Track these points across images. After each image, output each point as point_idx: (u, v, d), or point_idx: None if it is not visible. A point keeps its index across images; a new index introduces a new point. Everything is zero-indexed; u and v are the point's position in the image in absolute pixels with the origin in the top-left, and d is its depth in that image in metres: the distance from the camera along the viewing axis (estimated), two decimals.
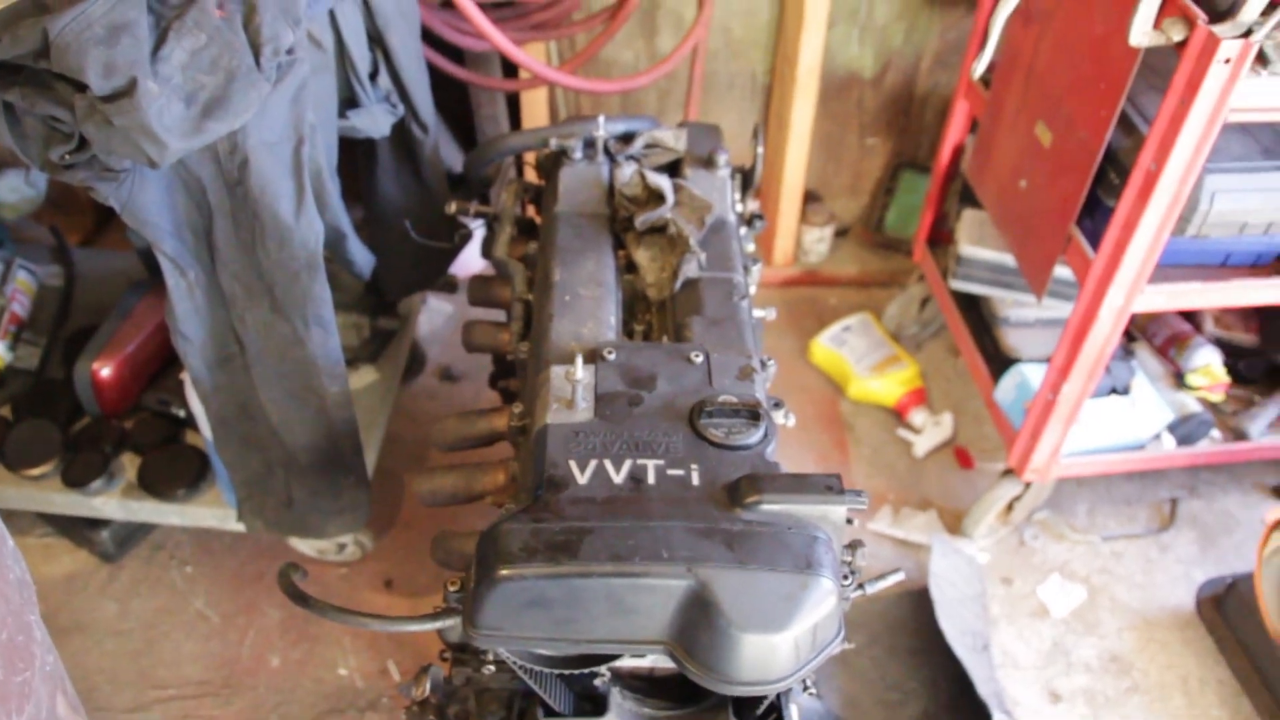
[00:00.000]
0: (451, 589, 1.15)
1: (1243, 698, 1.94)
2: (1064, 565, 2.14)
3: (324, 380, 1.47)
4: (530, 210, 1.79)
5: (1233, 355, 2.17)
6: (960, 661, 1.85)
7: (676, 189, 1.56)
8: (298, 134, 1.30)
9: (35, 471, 1.81)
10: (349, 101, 1.57)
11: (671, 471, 1.16)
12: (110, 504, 1.83)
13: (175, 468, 1.83)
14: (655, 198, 1.55)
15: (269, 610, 1.98)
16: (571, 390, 1.22)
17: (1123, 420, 2.01)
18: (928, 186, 2.56)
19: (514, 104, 2.30)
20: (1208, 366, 2.09)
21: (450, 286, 2.03)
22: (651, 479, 1.14)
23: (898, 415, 2.39)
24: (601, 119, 1.60)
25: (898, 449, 2.35)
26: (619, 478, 1.15)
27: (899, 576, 1.26)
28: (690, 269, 1.48)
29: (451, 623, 1.16)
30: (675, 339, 1.42)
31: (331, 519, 1.69)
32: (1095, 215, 1.75)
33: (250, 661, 1.91)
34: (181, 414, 1.88)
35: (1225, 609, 2.00)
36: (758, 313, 1.56)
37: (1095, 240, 1.74)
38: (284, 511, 1.68)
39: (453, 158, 2.31)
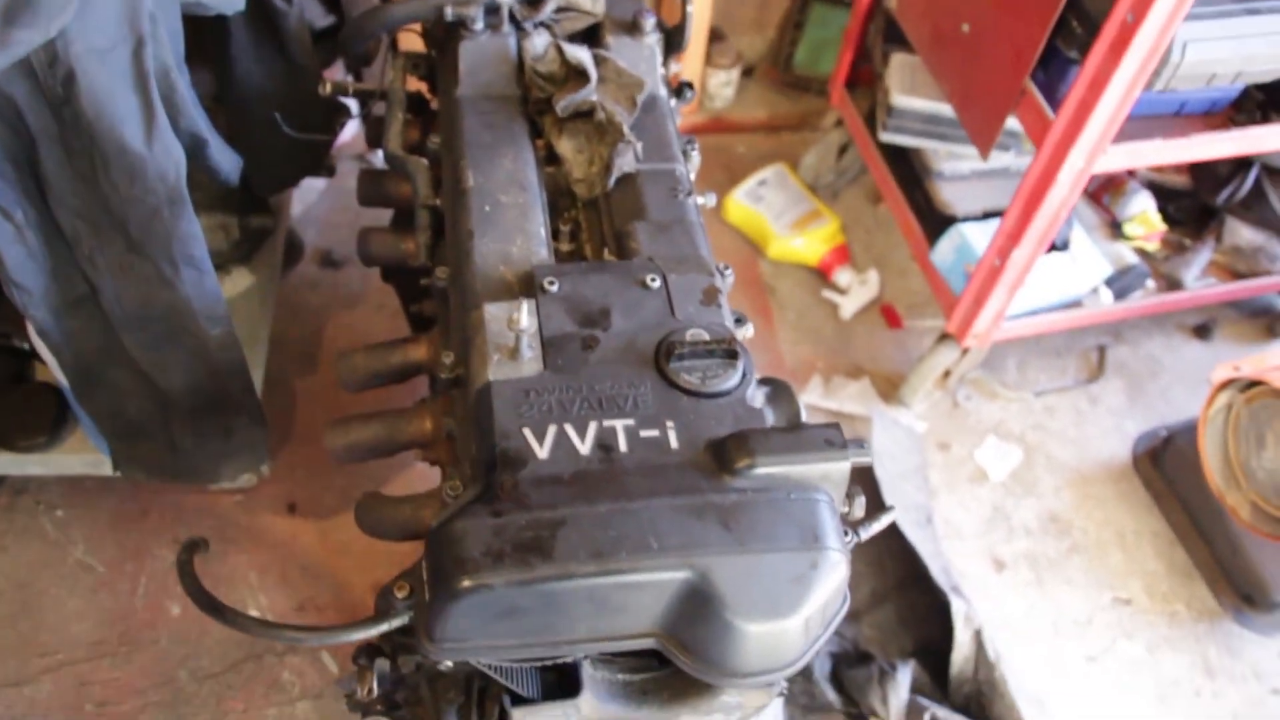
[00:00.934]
0: (399, 595, 0.98)
1: (1177, 548, 1.94)
2: (999, 425, 2.08)
3: (202, 323, 1.23)
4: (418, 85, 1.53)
5: (1164, 198, 2.08)
6: (905, 538, 1.79)
7: (599, 63, 1.33)
8: (136, 33, 1.01)
9: None
10: None
11: (645, 433, 0.99)
12: None
13: (29, 413, 1.57)
14: (576, 75, 1.32)
15: (159, 551, 1.77)
16: (515, 339, 1.02)
17: (1062, 277, 1.92)
18: (839, 20, 2.37)
19: None
20: (1144, 214, 2.00)
21: (329, 170, 1.76)
22: (624, 445, 0.98)
23: (821, 275, 2.25)
24: None
25: (823, 311, 2.22)
26: (585, 447, 0.97)
27: (893, 516, 1.14)
28: (626, 162, 1.27)
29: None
30: (617, 249, 1.22)
31: (224, 462, 1.48)
32: (1051, 66, 1.59)
33: (147, 612, 1.71)
34: (26, 347, 1.60)
35: (1161, 463, 1.98)
36: (698, 199, 1.37)
37: (1050, 94, 1.59)
38: (167, 457, 1.46)
39: (315, 12, 1.99)
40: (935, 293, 1.96)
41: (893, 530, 1.79)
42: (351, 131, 2.29)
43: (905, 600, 1.83)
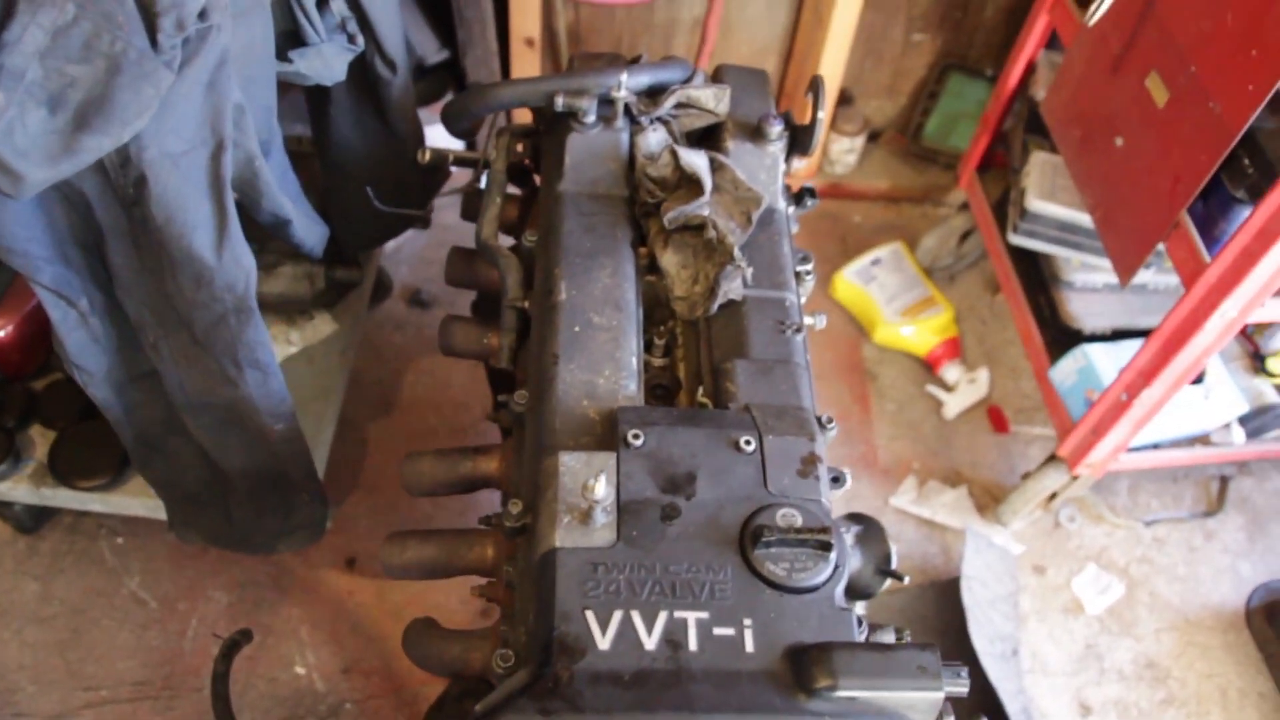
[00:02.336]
0: None
1: None
2: (1101, 553, 1.94)
3: (265, 420, 1.17)
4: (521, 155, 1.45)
5: None
6: (988, 674, 1.67)
7: (716, 169, 1.23)
8: (217, 136, 0.94)
9: None
10: (290, 35, 1.20)
11: (719, 630, 0.89)
12: (18, 489, 1.55)
13: (94, 451, 1.54)
14: (689, 182, 1.22)
15: (214, 593, 1.73)
16: (588, 504, 0.94)
17: (1193, 411, 1.77)
18: (977, 94, 2.23)
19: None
20: None
21: (424, 223, 1.70)
22: (694, 643, 0.88)
23: (928, 367, 2.12)
24: (625, 75, 1.24)
25: (925, 407, 2.09)
26: (651, 641, 0.88)
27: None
28: (734, 288, 1.17)
29: None
30: (712, 389, 1.13)
31: (281, 538, 1.43)
32: (1212, 201, 1.44)
33: (193, 657, 1.67)
34: None
35: (1278, 619, 1.81)
36: (805, 320, 1.26)
37: (1207, 231, 1.44)
38: (224, 527, 1.41)
39: (426, 46, 1.92)
40: (1050, 411, 1.82)
41: (974, 657, 1.67)
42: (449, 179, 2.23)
43: None
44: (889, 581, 1.14)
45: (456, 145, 1.70)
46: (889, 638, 1.09)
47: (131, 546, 1.77)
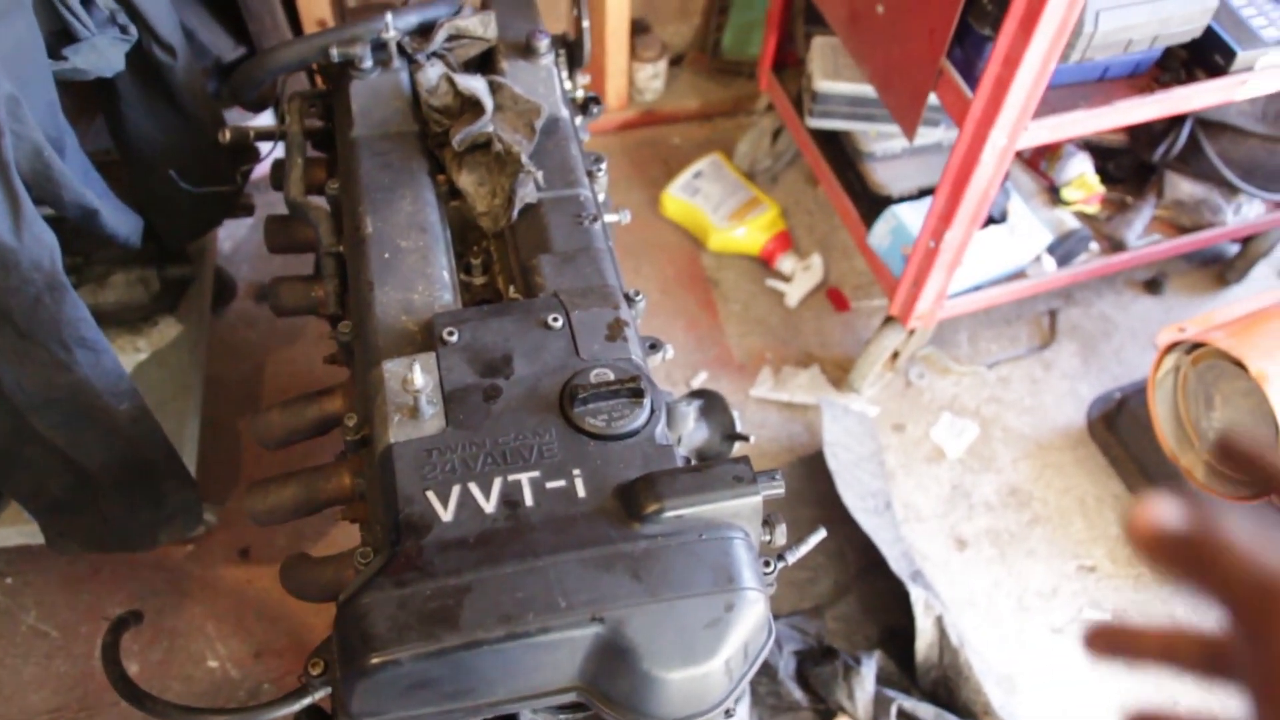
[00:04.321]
0: (314, 672, 0.96)
1: None
2: (953, 401, 2.07)
3: (107, 400, 1.20)
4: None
5: (1101, 157, 2.06)
6: (864, 528, 1.78)
7: (495, 90, 1.30)
8: None
9: None
10: (62, 34, 1.23)
11: (551, 484, 0.97)
12: None
13: None
14: (471, 106, 1.29)
15: (113, 610, 1.75)
16: (414, 398, 1.00)
17: (1003, 249, 1.90)
18: (765, 2, 2.32)
19: None
20: (1082, 177, 1.97)
21: (245, 210, 1.73)
22: (529, 499, 0.96)
23: (764, 263, 2.23)
24: (389, 16, 1.30)
25: (769, 301, 2.20)
26: (490, 505, 0.95)
27: (821, 535, 1.12)
28: (527, 192, 1.25)
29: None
30: (523, 285, 1.20)
31: (159, 528, 1.46)
32: (966, 43, 1.56)
33: (104, 675, 1.68)
34: None
35: (1116, 426, 1.97)
36: (610, 218, 1.34)
37: (969, 72, 1.56)
38: (100, 529, 1.43)
39: (220, 45, 1.94)
40: (875, 275, 1.94)
41: (852, 519, 1.78)
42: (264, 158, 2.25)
43: (868, 589, 1.82)
44: (738, 446, 1.23)
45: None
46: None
47: (20, 584, 1.77)
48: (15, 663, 1.70)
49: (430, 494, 0.96)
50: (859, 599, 1.81)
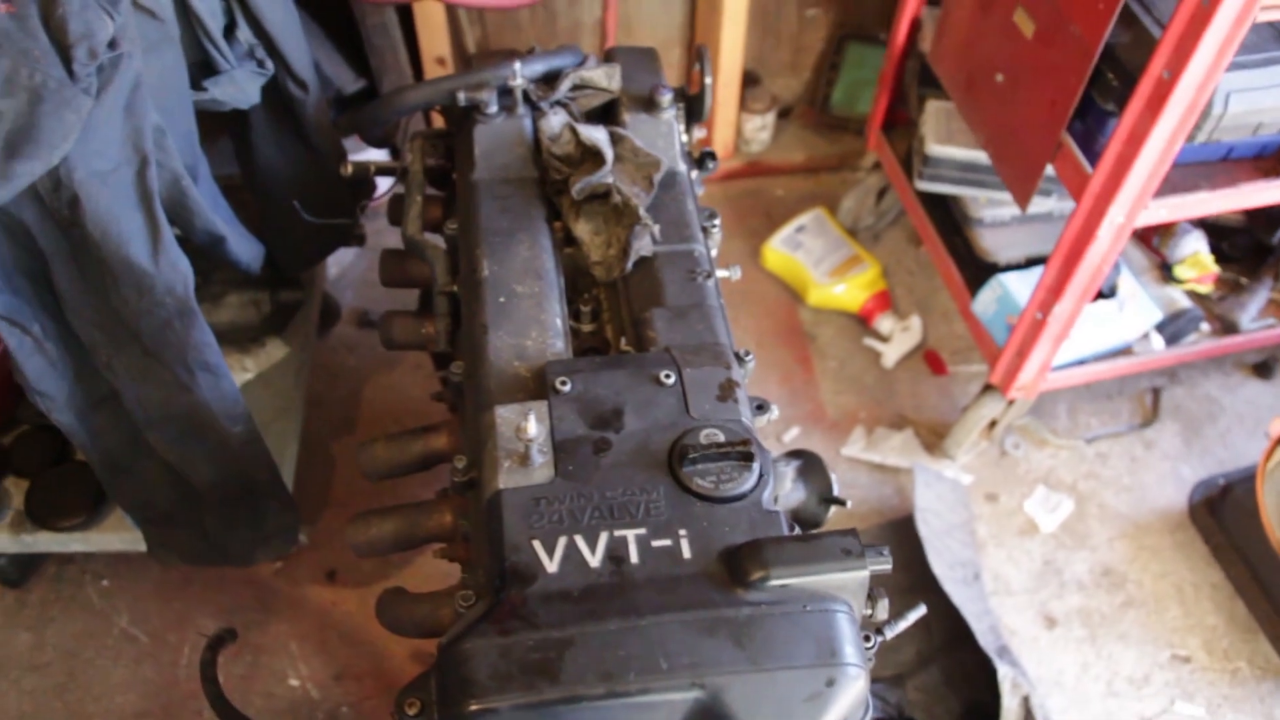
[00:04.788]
0: (410, 712, 0.97)
1: (1238, 602, 1.86)
2: (1049, 474, 2.02)
3: (223, 423, 1.24)
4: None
5: (1217, 235, 2.01)
6: (952, 598, 1.74)
7: (616, 141, 1.32)
8: (140, 154, 1.02)
9: None
10: (202, 65, 1.27)
11: (657, 543, 0.97)
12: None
13: (69, 492, 1.59)
14: (591, 156, 1.31)
15: (202, 621, 1.79)
16: (525, 446, 1.01)
17: (1111, 325, 1.86)
18: (875, 60, 2.33)
19: (406, 11, 1.98)
20: (1196, 255, 1.93)
21: (358, 240, 1.77)
22: (635, 556, 0.96)
23: (863, 322, 2.21)
24: (517, 65, 1.33)
25: (865, 360, 2.18)
26: (595, 559, 0.96)
27: (921, 612, 1.11)
28: (643, 245, 1.26)
29: None
30: (635, 338, 1.21)
31: (257, 547, 1.49)
32: (1088, 117, 1.54)
33: (190, 683, 1.73)
34: None
35: (1220, 513, 1.91)
36: (720, 273, 1.35)
37: (1089, 147, 1.54)
38: (200, 543, 1.47)
39: (342, 77, 2.00)
40: (978, 343, 1.91)
41: (940, 588, 1.75)
42: (379, 193, 2.30)
43: (952, 661, 1.78)
44: (834, 510, 1.22)
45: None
46: None
47: (117, 587, 1.82)
48: (106, 664, 1.74)
49: (536, 543, 0.96)
50: (942, 670, 1.78)
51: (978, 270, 1.93)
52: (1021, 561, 1.92)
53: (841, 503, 1.22)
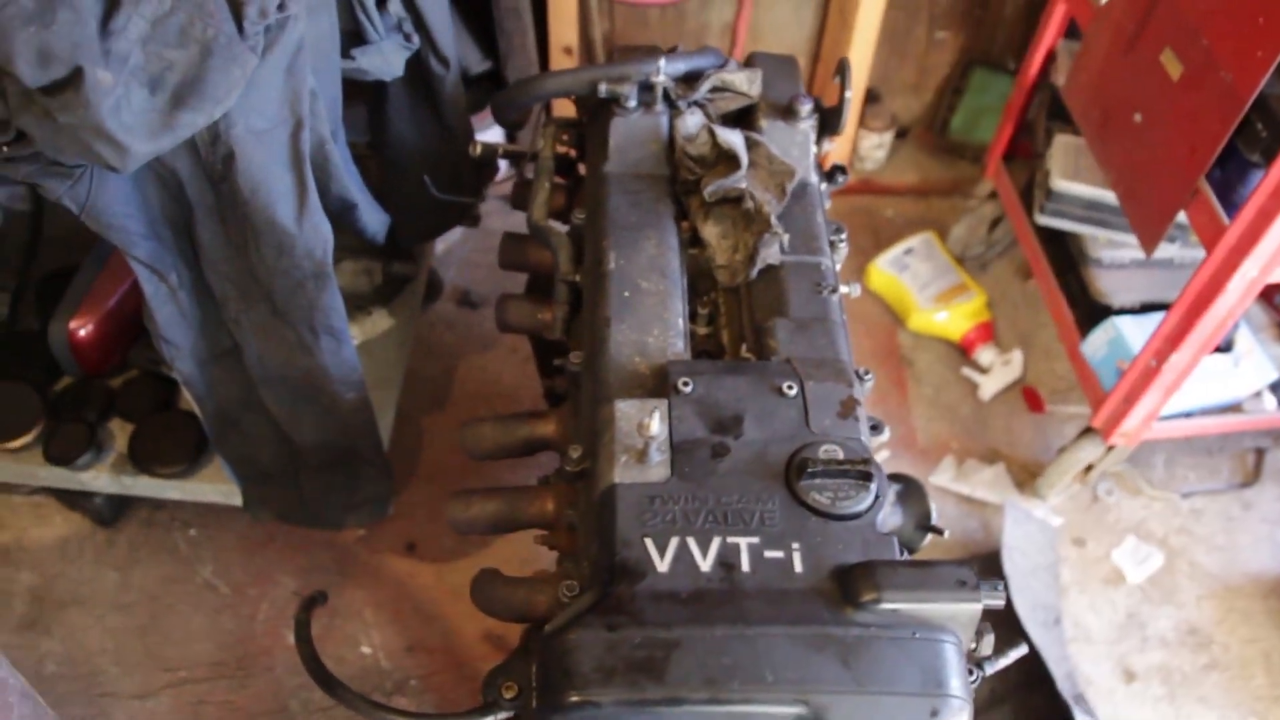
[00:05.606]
0: (507, 695, 0.97)
1: None
2: (1140, 525, 1.98)
3: (337, 388, 1.26)
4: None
5: None
6: (1030, 640, 1.71)
7: (751, 147, 1.31)
8: (295, 116, 1.04)
9: (14, 444, 1.61)
10: (353, 35, 1.29)
11: (769, 553, 0.96)
12: (100, 478, 1.64)
13: (171, 440, 1.63)
14: (726, 159, 1.30)
15: (282, 579, 1.82)
16: (644, 443, 1.01)
17: (1223, 380, 1.81)
18: (1000, 87, 2.29)
19: None
20: None
21: (473, 220, 1.79)
22: (746, 565, 0.95)
23: (963, 351, 2.18)
24: (662, 61, 1.33)
25: (961, 390, 2.15)
26: (706, 563, 0.95)
27: (1023, 651, 1.09)
28: (771, 253, 1.25)
29: None
30: (755, 346, 1.20)
31: (349, 512, 1.51)
32: (1229, 166, 1.50)
33: (265, 638, 1.76)
34: (174, 375, 1.66)
35: None
36: (842, 289, 1.33)
37: (1226, 196, 1.50)
38: (295, 503, 1.49)
39: (470, 57, 2.02)
40: (1083, 384, 1.87)
41: (1017, 628, 1.72)
42: (500, 175, 2.32)
43: (1025, 704, 1.75)
44: (930, 538, 1.20)
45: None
46: None
47: (203, 537, 1.85)
48: (186, 610, 1.78)
49: (648, 541, 0.96)
50: (1014, 712, 1.74)
51: (1090, 311, 1.89)
52: (1104, 611, 1.88)
53: (940, 531, 1.20)
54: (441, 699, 1.74)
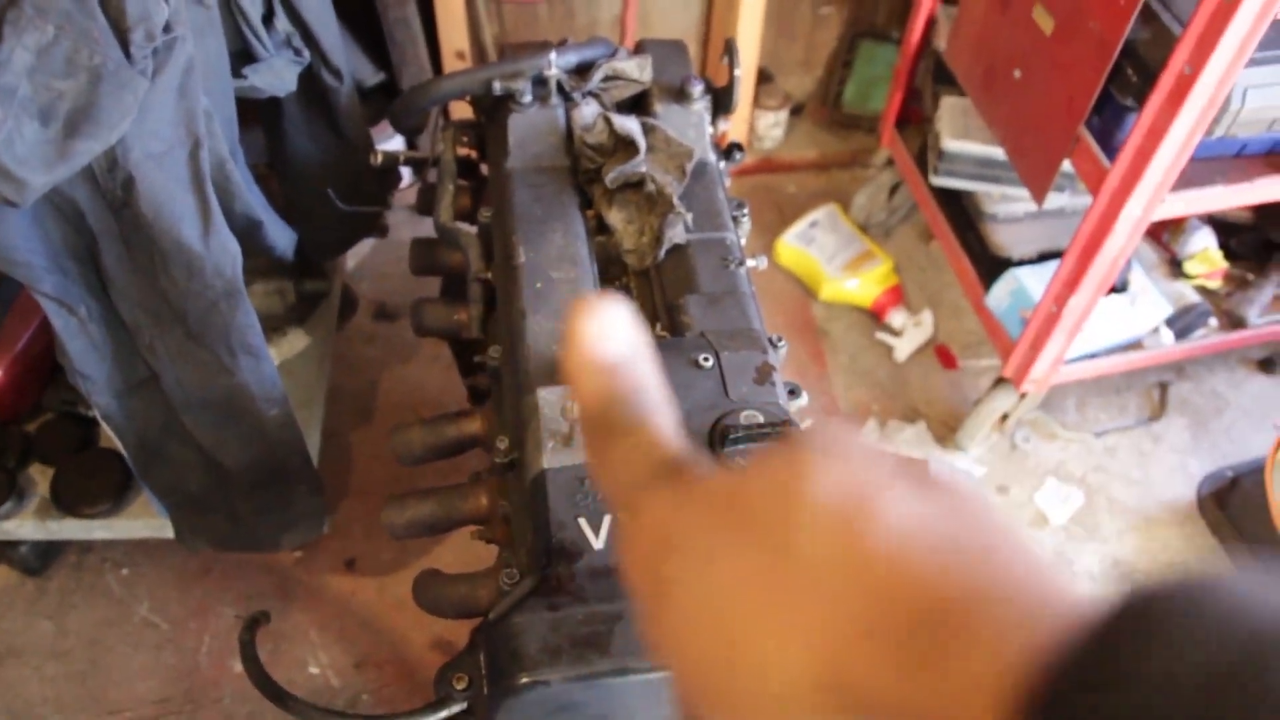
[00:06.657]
0: (458, 686, 0.98)
1: None
2: (1059, 467, 2.05)
3: (260, 406, 1.25)
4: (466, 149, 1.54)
5: (1225, 233, 2.04)
6: None
7: (648, 131, 1.33)
8: (192, 136, 1.04)
9: None
10: (243, 55, 1.29)
11: None
12: (25, 525, 1.61)
13: (94, 479, 1.60)
14: (624, 145, 1.32)
15: (222, 608, 1.80)
16: (569, 426, 1.03)
17: (1122, 319, 1.89)
18: (888, 57, 2.35)
19: (426, 6, 2.00)
20: (1205, 252, 1.96)
21: (381, 231, 1.79)
22: None
23: (875, 316, 2.24)
24: (553, 55, 1.35)
25: (877, 354, 2.20)
26: None
27: None
28: (676, 233, 1.27)
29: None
30: (669, 323, 1.23)
31: (285, 531, 1.50)
32: (1105, 112, 1.57)
33: (211, 670, 1.74)
34: (92, 414, 1.64)
35: (1228, 505, 1.93)
36: (749, 262, 1.36)
37: (1106, 141, 1.56)
38: (229, 528, 1.48)
39: (362, 70, 2.02)
40: (991, 337, 1.94)
41: None
42: (404, 183, 2.31)
43: None
44: None
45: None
46: None
47: (136, 575, 1.83)
48: (127, 651, 1.75)
49: (582, 521, 0.98)
50: None
51: (991, 265, 1.96)
52: None
53: None
54: (394, 711, 1.74)
